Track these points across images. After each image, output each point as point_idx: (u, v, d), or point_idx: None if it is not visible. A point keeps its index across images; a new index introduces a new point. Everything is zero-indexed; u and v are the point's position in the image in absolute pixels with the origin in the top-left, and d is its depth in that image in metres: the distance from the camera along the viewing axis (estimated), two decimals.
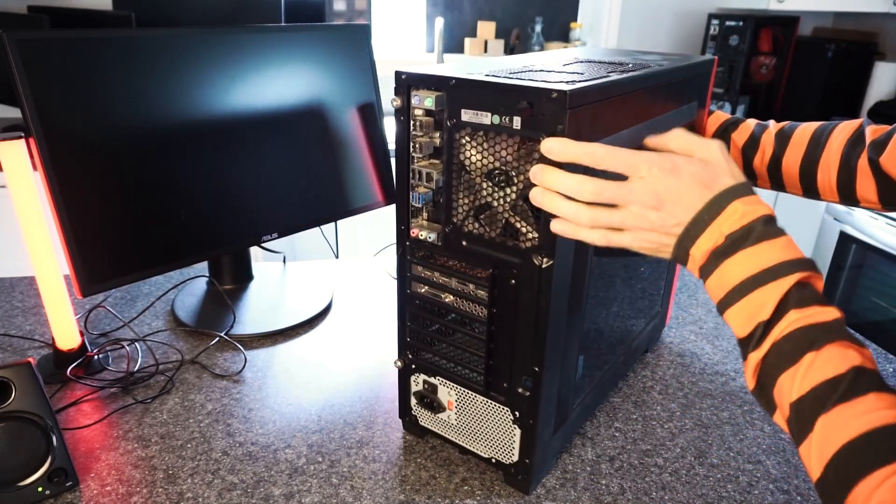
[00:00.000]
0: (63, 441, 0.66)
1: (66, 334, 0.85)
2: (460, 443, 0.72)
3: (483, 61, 0.68)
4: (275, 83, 0.95)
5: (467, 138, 0.59)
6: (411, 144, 0.62)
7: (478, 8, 2.98)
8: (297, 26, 0.97)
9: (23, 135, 0.76)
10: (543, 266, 0.58)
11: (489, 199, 0.60)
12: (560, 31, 3.08)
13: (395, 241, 0.69)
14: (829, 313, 0.46)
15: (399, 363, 0.73)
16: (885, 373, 0.92)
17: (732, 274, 0.49)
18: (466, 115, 0.58)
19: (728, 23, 2.77)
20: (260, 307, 1.04)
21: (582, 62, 0.72)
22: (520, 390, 0.64)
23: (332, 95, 1.03)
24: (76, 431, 0.76)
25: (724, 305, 0.50)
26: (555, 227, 0.55)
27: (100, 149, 0.80)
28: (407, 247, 0.67)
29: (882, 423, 0.42)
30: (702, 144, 0.54)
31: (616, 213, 0.52)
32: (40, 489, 0.65)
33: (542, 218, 0.56)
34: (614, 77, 0.61)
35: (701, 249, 0.51)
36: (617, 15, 2.93)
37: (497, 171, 0.58)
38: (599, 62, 0.72)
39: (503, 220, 0.60)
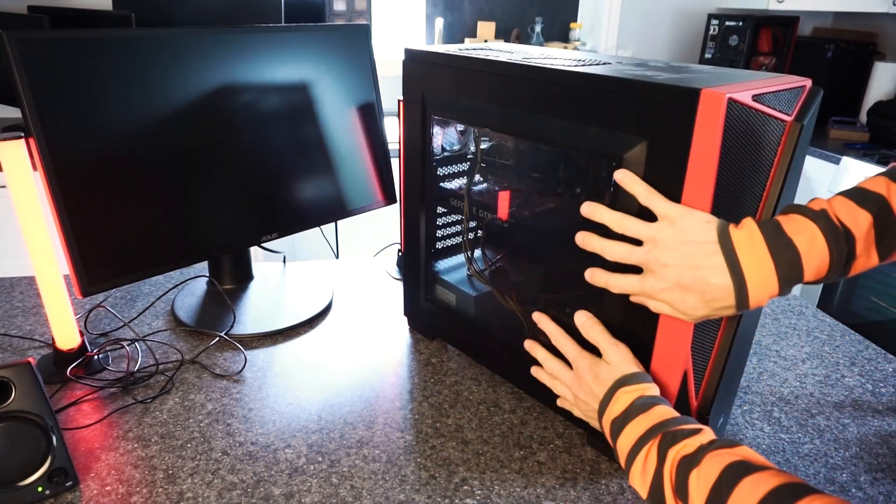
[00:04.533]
0: (63, 441, 0.66)
1: (66, 334, 0.85)
2: None
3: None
4: (275, 83, 0.95)
5: None
6: None
7: (478, 8, 2.98)
8: (297, 26, 0.97)
9: (23, 135, 0.76)
10: None
11: None
12: (560, 32, 3.08)
13: (395, 241, 0.69)
14: (698, 439, 0.54)
15: None
16: (885, 373, 0.92)
17: (622, 448, 0.60)
18: None
19: (728, 23, 2.77)
20: (260, 307, 1.04)
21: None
22: None
23: (332, 95, 1.03)
24: (76, 431, 0.76)
25: (628, 474, 0.59)
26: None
27: (100, 149, 0.80)
28: None
29: (761, 494, 0.46)
30: (609, 344, 0.66)
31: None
32: (40, 489, 0.65)
33: None
34: None
35: (605, 435, 0.64)
36: (617, 15, 2.93)
37: None
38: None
39: None
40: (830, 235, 0.55)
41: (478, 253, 0.95)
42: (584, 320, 0.69)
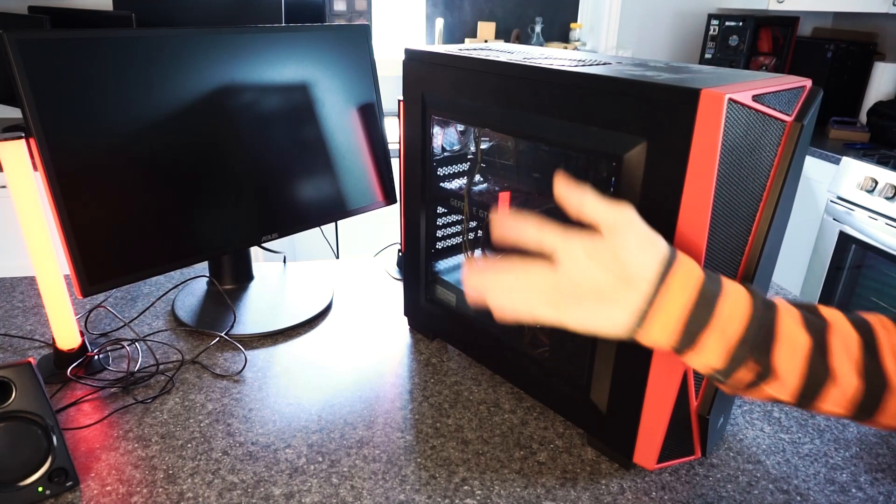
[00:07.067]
0: (63, 441, 0.66)
1: (67, 334, 0.85)
2: None
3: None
4: (275, 83, 0.95)
5: None
6: None
7: (478, 8, 2.98)
8: (297, 26, 0.98)
9: (23, 135, 0.76)
10: None
11: None
12: (560, 32, 3.08)
13: (395, 241, 0.69)
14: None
15: None
16: None
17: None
18: None
19: (728, 23, 2.77)
20: (260, 307, 1.04)
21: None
22: None
23: (332, 95, 1.03)
24: (76, 431, 0.76)
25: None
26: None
27: (100, 149, 0.80)
28: None
29: None
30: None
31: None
32: (41, 489, 0.65)
33: None
34: None
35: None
36: (617, 15, 2.93)
37: None
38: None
39: None
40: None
41: (478, 253, 0.95)
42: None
